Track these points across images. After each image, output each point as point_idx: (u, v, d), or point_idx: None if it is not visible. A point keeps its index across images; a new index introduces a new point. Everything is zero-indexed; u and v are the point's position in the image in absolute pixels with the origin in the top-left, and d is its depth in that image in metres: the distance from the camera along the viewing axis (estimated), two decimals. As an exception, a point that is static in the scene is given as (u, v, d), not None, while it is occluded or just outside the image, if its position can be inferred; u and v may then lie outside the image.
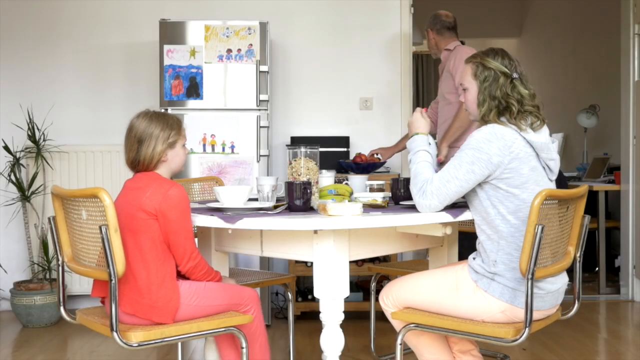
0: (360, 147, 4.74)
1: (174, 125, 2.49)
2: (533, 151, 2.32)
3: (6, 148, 4.56)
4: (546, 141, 2.34)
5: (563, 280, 2.40)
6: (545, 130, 2.37)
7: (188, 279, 2.46)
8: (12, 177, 4.52)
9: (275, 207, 2.48)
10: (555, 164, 2.39)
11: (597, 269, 5.33)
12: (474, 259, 2.39)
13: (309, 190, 2.45)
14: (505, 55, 2.42)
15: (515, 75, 2.37)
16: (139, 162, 2.44)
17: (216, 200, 2.61)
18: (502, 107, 2.35)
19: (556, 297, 2.38)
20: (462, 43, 4.13)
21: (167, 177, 2.48)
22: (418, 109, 2.59)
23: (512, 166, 2.28)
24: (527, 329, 2.18)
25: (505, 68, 2.38)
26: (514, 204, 2.29)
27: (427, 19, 4.18)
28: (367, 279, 4.51)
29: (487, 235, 2.34)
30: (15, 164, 4.54)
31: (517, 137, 2.30)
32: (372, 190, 2.82)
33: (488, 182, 2.31)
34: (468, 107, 2.46)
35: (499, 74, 2.37)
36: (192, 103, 4.25)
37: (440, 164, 3.42)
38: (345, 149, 4.67)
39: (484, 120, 2.39)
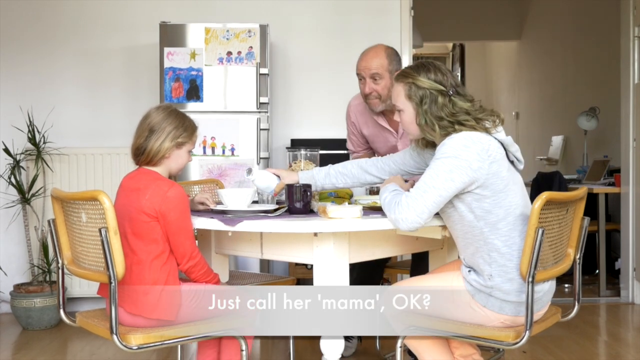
0: (360, 149, 4.74)
1: (188, 128, 2.50)
2: (503, 149, 2.27)
3: (6, 150, 4.56)
4: (507, 135, 2.30)
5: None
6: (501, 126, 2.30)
7: (186, 280, 2.47)
8: (12, 180, 4.52)
9: (275, 209, 2.48)
10: (520, 153, 2.33)
11: (597, 271, 5.32)
12: (468, 272, 2.30)
13: (309, 193, 2.45)
14: (438, 70, 2.30)
15: (451, 91, 2.27)
16: (144, 152, 2.44)
17: (219, 203, 2.61)
18: (455, 122, 2.24)
19: (549, 295, 2.37)
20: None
21: (165, 177, 2.48)
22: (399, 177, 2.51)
23: (493, 170, 2.20)
24: (527, 332, 2.18)
25: (439, 85, 2.27)
26: (503, 209, 2.22)
27: (392, 59, 3.08)
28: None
29: (476, 248, 2.26)
30: (16, 166, 4.53)
31: (490, 139, 2.23)
32: (372, 192, 2.82)
33: (471, 192, 2.20)
34: (406, 128, 2.39)
35: (435, 93, 2.27)
36: (192, 105, 4.25)
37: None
38: (345, 152, 4.66)
39: (441, 136, 2.25)
